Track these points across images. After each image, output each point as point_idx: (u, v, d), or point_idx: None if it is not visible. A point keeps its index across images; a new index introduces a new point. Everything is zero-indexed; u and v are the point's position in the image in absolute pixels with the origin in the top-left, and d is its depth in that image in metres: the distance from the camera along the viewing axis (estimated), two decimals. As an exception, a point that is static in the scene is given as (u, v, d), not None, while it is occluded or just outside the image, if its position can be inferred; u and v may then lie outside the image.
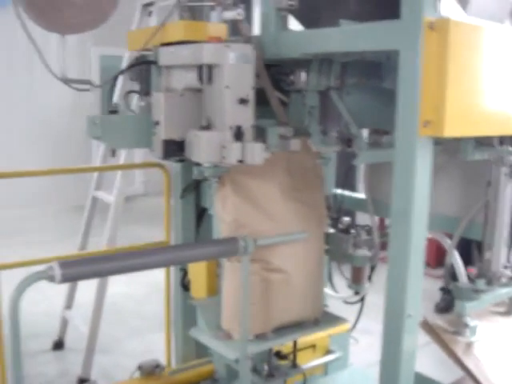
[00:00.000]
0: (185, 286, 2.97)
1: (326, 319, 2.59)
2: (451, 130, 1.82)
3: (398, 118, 1.87)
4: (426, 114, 1.80)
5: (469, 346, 2.29)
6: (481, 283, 2.26)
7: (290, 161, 2.44)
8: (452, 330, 2.35)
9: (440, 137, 1.82)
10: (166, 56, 2.23)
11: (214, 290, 2.85)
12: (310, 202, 2.51)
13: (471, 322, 2.33)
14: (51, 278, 1.73)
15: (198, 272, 2.85)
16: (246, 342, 2.27)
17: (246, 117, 2.07)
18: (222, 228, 2.44)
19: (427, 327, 2.35)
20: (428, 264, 5.53)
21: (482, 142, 2.15)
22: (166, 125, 2.17)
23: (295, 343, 2.74)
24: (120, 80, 3.70)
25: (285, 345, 2.73)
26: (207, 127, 2.07)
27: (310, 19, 2.56)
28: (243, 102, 2.04)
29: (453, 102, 1.79)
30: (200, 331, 2.59)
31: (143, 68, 2.48)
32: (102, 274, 1.80)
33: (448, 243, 2.44)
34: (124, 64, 3.91)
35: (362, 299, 2.84)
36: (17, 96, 8.65)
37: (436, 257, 5.86)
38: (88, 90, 2.35)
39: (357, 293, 2.74)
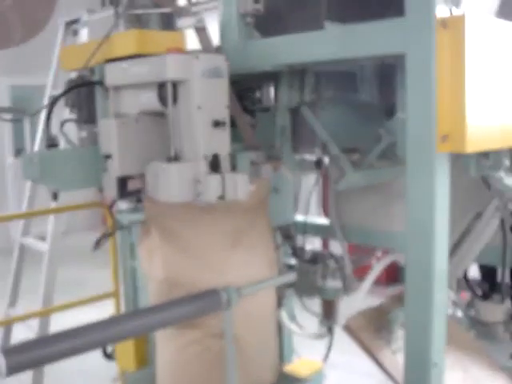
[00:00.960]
0: (108, 356, 2.41)
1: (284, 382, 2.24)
2: (474, 145, 1.54)
3: (409, 132, 1.58)
4: (443, 128, 1.53)
5: (394, 352, 2.10)
6: None
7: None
8: (378, 337, 2.15)
9: (461, 152, 1.53)
10: (114, 74, 1.83)
11: (144, 360, 2.37)
12: (258, 246, 2.07)
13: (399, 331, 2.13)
14: (-8, 374, 1.29)
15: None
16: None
17: (222, 143, 1.71)
18: (150, 288, 1.97)
19: (350, 331, 2.15)
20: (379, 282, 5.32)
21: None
22: (121, 158, 1.78)
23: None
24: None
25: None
26: (176, 158, 1.68)
27: (268, 25, 2.21)
28: (218, 124, 1.68)
29: (474, 112, 1.52)
30: None
31: (82, 91, 2.07)
32: (61, 357, 1.38)
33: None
34: (47, 91, 3.46)
35: (331, 332, 2.51)
36: None
37: (387, 274, 5.66)
38: (20, 120, 1.91)
39: (330, 329, 2.41)
